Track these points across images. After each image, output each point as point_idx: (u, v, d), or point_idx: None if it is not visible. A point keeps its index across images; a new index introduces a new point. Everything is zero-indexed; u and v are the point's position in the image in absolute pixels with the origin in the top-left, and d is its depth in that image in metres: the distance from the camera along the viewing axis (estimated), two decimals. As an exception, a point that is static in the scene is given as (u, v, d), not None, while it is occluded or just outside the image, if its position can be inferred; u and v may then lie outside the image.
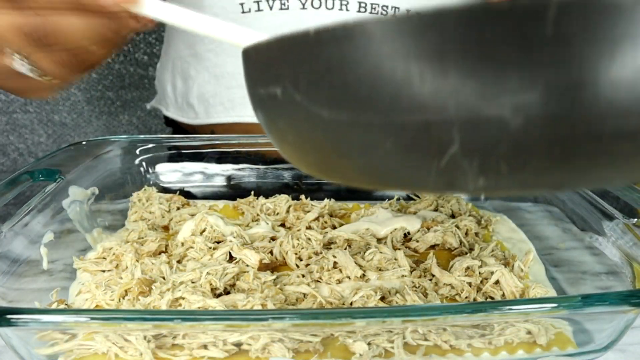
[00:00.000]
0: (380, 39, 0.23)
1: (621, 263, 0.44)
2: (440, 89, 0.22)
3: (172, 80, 0.81)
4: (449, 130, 0.23)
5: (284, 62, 0.27)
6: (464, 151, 0.23)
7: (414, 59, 0.22)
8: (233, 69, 0.74)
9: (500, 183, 0.24)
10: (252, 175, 0.68)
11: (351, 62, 0.24)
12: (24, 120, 1.20)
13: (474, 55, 0.21)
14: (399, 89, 0.23)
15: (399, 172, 0.26)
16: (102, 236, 0.57)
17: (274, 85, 0.27)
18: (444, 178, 0.25)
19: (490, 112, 0.22)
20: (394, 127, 0.24)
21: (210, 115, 0.77)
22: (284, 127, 0.29)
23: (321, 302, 0.45)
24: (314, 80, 0.25)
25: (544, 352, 0.42)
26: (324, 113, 0.26)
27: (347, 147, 0.26)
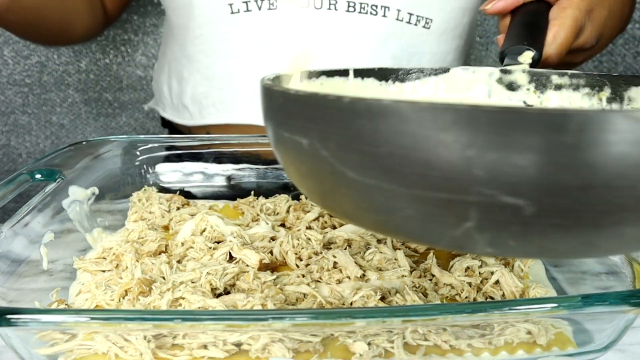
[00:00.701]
0: (415, 122, 0.25)
1: (621, 263, 0.44)
2: (466, 175, 0.24)
3: (168, 82, 0.82)
4: (467, 210, 0.25)
5: (314, 118, 0.28)
6: (478, 227, 0.26)
7: (444, 146, 0.24)
8: (223, 71, 0.75)
9: (506, 252, 0.28)
10: (252, 175, 0.68)
11: (383, 137, 0.25)
12: (22, 121, 1.20)
13: (501, 151, 0.24)
14: (428, 169, 0.25)
15: (414, 232, 0.29)
16: (102, 236, 0.57)
17: (300, 135, 0.29)
18: (455, 243, 0.27)
19: (508, 200, 0.25)
20: (417, 198, 0.26)
21: (203, 117, 0.78)
22: (305, 172, 0.31)
23: (321, 302, 0.45)
24: (343, 144, 0.27)
25: (544, 352, 0.42)
26: (350, 173, 0.27)
27: (368, 204, 0.28)
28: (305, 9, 0.70)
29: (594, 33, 0.61)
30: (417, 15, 0.72)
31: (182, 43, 0.77)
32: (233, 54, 0.74)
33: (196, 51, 0.76)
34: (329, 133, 0.27)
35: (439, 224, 0.27)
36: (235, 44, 0.73)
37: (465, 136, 0.24)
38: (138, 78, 1.19)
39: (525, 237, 0.26)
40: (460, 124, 0.24)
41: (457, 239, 0.27)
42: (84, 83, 1.19)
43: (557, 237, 0.26)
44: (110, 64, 1.18)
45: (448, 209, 0.26)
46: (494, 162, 0.24)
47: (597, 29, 0.61)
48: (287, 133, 0.30)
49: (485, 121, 0.23)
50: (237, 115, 0.75)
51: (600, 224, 0.25)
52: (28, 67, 1.16)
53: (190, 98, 0.78)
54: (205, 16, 0.72)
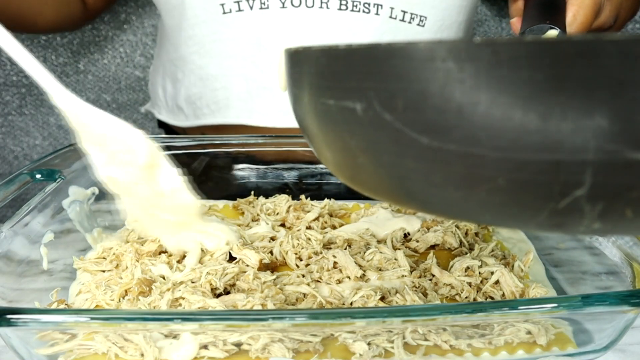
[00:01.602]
0: (514, 64, 0.20)
1: (621, 263, 0.44)
2: (582, 127, 0.20)
3: (163, 84, 0.82)
4: (581, 173, 0.20)
5: (373, 75, 0.23)
6: (591, 195, 0.21)
7: (557, 92, 0.19)
8: (216, 71, 0.75)
9: (616, 228, 0.23)
10: (252, 175, 0.68)
11: (471, 88, 0.20)
12: (20, 122, 1.20)
13: (627, 92, 0.19)
14: (530, 124, 0.20)
15: (502, 209, 0.23)
16: (102, 236, 0.57)
17: (353, 99, 0.24)
18: (555, 220, 0.22)
19: (635, 156, 0.20)
20: (513, 164, 0.21)
21: (198, 117, 0.78)
22: (357, 147, 0.25)
23: (321, 302, 0.45)
24: (414, 102, 0.22)
25: (544, 352, 0.42)
26: (423, 139, 0.22)
27: (445, 177, 0.23)
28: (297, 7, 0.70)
29: (612, 12, 0.61)
30: (411, 13, 0.72)
31: (175, 44, 0.77)
32: (226, 54, 0.74)
33: (189, 52, 0.76)
34: (395, 89, 0.22)
35: (539, 196, 0.21)
36: (228, 44, 0.73)
37: (582, 75, 0.19)
38: (137, 79, 1.19)
39: None
40: (573, 59, 0.19)
41: (559, 214, 0.21)
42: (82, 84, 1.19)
43: None
44: (109, 65, 1.18)
45: (556, 174, 0.20)
46: (617, 106, 0.19)
47: (615, 9, 0.61)
48: (332, 100, 0.25)
49: (608, 53, 0.19)
50: (231, 115, 0.75)
51: None
52: (26, 67, 1.16)
53: (185, 99, 0.78)
54: (197, 17, 0.72)
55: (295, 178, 0.68)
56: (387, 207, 0.61)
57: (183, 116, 0.79)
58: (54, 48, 1.16)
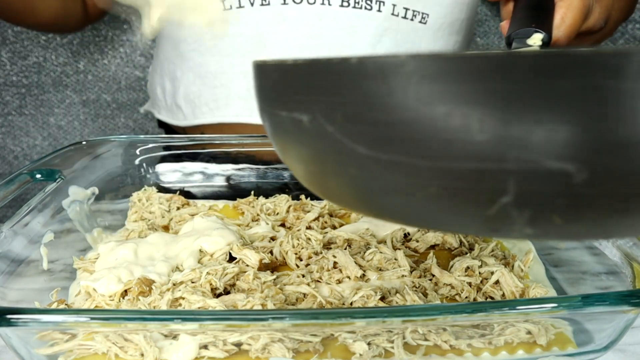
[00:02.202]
0: (438, 78, 0.21)
1: (621, 263, 0.44)
2: (501, 138, 0.21)
3: (161, 83, 0.81)
4: (504, 181, 0.21)
5: (316, 88, 0.24)
6: (516, 202, 0.22)
7: (475, 104, 0.20)
8: (216, 69, 0.74)
9: (548, 233, 0.23)
10: (252, 175, 0.68)
11: (400, 100, 0.21)
12: (19, 122, 1.20)
13: (543, 106, 0.20)
14: (455, 134, 0.21)
15: (438, 215, 0.24)
16: (102, 236, 0.57)
17: (301, 111, 0.25)
18: (488, 225, 0.23)
19: (554, 166, 0.21)
20: (442, 172, 0.22)
21: (197, 117, 0.77)
22: (307, 156, 0.27)
23: (321, 302, 0.45)
24: (352, 114, 0.23)
25: (544, 352, 0.42)
26: (361, 149, 0.23)
27: (383, 185, 0.24)
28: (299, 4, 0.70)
29: (602, 14, 0.60)
30: (413, 10, 0.72)
31: (175, 42, 0.77)
32: (226, 52, 0.73)
33: (189, 49, 0.76)
34: (334, 103, 0.23)
35: (469, 202, 0.23)
36: (228, 41, 0.73)
37: (499, 89, 0.20)
38: (136, 79, 1.19)
39: (575, 213, 0.22)
40: (493, 74, 0.20)
41: (492, 220, 0.23)
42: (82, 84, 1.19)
43: (613, 210, 0.22)
44: (109, 65, 1.18)
45: (481, 182, 0.22)
46: (534, 118, 0.20)
47: (605, 10, 0.61)
48: (284, 112, 0.26)
49: (523, 67, 0.20)
50: (231, 114, 0.75)
51: None
52: (25, 67, 1.16)
53: (184, 98, 0.78)
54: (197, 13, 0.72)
55: (295, 178, 0.68)
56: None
57: (182, 115, 0.79)
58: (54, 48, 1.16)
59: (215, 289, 0.46)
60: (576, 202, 0.21)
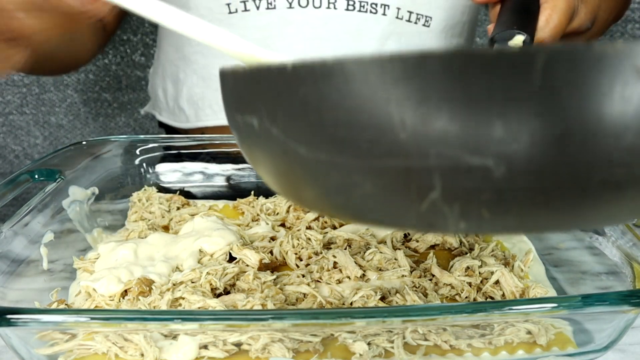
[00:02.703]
0: (359, 80, 0.22)
1: (621, 263, 0.44)
2: (421, 135, 0.22)
3: (163, 84, 0.81)
4: (429, 177, 0.22)
5: (261, 93, 0.26)
6: (444, 197, 0.23)
7: (395, 104, 0.22)
8: None
9: (482, 227, 0.24)
10: (252, 175, 0.68)
11: (329, 102, 0.23)
12: (20, 122, 1.20)
13: (459, 103, 0.21)
14: (379, 133, 0.22)
15: (378, 212, 0.26)
16: (102, 236, 0.57)
17: (251, 115, 0.26)
18: (424, 220, 0.24)
19: (473, 161, 0.21)
20: (372, 170, 0.23)
21: (199, 119, 0.77)
22: (260, 156, 0.28)
23: (321, 302, 0.45)
24: (290, 116, 0.25)
25: (544, 352, 0.42)
26: (301, 150, 0.25)
27: (325, 184, 0.26)
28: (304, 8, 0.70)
29: (588, 15, 0.60)
30: (416, 13, 0.72)
31: (178, 44, 0.77)
32: None
33: (193, 52, 0.76)
34: (276, 106, 0.25)
35: (401, 199, 0.24)
36: None
37: (413, 88, 0.21)
38: (137, 78, 1.19)
39: (500, 207, 0.23)
40: (407, 74, 0.21)
41: (425, 215, 0.24)
42: (83, 83, 1.19)
43: (535, 204, 0.23)
44: (110, 64, 1.18)
45: (408, 179, 0.23)
46: (451, 114, 0.21)
47: (591, 11, 0.60)
48: (239, 116, 0.28)
49: (435, 68, 0.21)
50: None
51: (586, 186, 0.22)
52: (27, 67, 1.16)
53: (187, 100, 0.78)
54: (202, 16, 0.72)
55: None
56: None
57: (184, 117, 0.79)
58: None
59: (215, 289, 0.46)
60: (500, 197, 0.22)
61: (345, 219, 0.29)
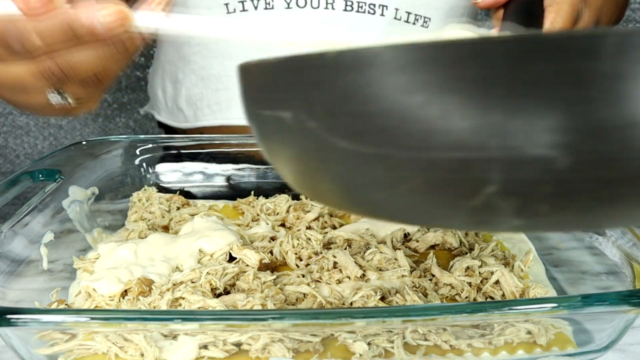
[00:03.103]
0: (414, 67, 0.20)
1: (621, 263, 0.44)
2: (482, 126, 0.20)
3: (162, 85, 0.82)
4: (487, 170, 0.21)
5: (295, 84, 0.24)
6: (502, 191, 0.21)
7: (454, 92, 0.20)
8: (219, 71, 0.75)
9: (537, 223, 0.23)
10: (252, 175, 0.68)
11: (378, 91, 0.21)
12: (20, 122, 1.20)
13: (523, 91, 0.20)
14: (435, 123, 0.21)
15: (423, 209, 0.24)
16: (102, 236, 0.57)
17: (282, 108, 0.25)
18: (475, 217, 0.23)
19: (537, 152, 0.20)
20: (424, 163, 0.22)
21: (198, 119, 0.77)
22: (290, 153, 0.27)
23: (321, 302, 0.45)
24: (331, 108, 0.23)
25: (544, 352, 0.42)
26: (342, 144, 0.23)
27: (366, 180, 0.24)
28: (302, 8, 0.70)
29: (591, 19, 0.60)
30: (415, 14, 0.72)
31: (176, 44, 0.77)
32: (229, 55, 0.74)
33: (191, 52, 0.76)
34: (314, 98, 0.23)
35: (454, 194, 0.22)
36: (232, 45, 0.73)
37: (475, 75, 0.20)
38: (137, 79, 1.19)
39: (561, 200, 0.21)
40: (467, 60, 0.20)
41: (478, 212, 0.22)
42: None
43: (599, 197, 0.21)
44: (110, 65, 1.18)
45: (463, 172, 0.21)
46: (515, 102, 0.20)
47: (594, 15, 0.61)
48: (267, 111, 0.26)
49: (498, 53, 0.19)
50: (233, 116, 0.75)
51: None
52: (27, 67, 1.16)
53: (185, 100, 0.78)
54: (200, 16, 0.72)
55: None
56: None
57: (183, 117, 0.79)
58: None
59: (215, 289, 0.46)
60: (561, 190, 0.21)
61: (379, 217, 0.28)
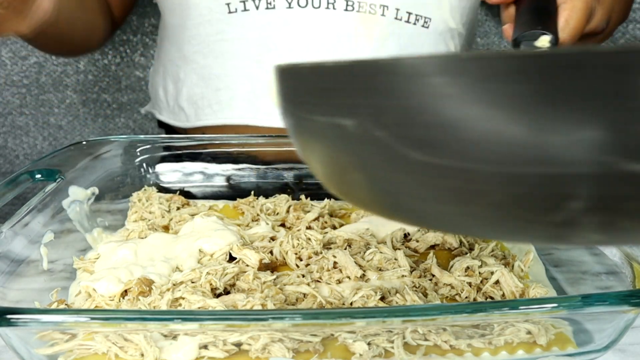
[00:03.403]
0: (502, 77, 0.19)
1: (621, 263, 0.44)
2: (575, 140, 0.19)
3: (164, 84, 0.82)
4: (576, 186, 0.20)
5: (363, 91, 0.23)
6: (587, 207, 0.20)
7: (545, 105, 0.19)
8: (220, 71, 0.75)
9: (618, 237, 0.22)
10: (252, 175, 0.68)
11: (463, 102, 0.20)
12: (20, 122, 1.20)
13: (618, 103, 0.19)
14: (522, 138, 0.20)
15: (498, 224, 0.23)
16: (102, 236, 0.57)
17: (344, 116, 0.23)
18: (553, 232, 0.22)
19: (631, 168, 0.19)
20: (507, 178, 0.21)
21: (199, 118, 0.77)
22: (348, 163, 0.25)
23: (321, 302, 0.45)
24: (404, 118, 0.22)
25: (544, 352, 0.42)
26: (416, 155, 0.22)
27: (439, 193, 0.23)
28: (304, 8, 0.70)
29: (604, 16, 0.61)
30: (415, 14, 0.72)
31: (178, 44, 0.77)
32: (230, 54, 0.74)
33: (192, 51, 0.76)
34: (384, 106, 0.22)
35: (535, 209, 0.21)
36: (233, 44, 0.73)
37: (573, 85, 0.19)
38: (137, 79, 1.19)
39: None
40: (561, 71, 0.19)
41: (557, 227, 0.21)
42: (83, 84, 1.19)
43: None
44: (109, 65, 1.18)
45: (549, 187, 0.20)
46: (610, 117, 0.19)
47: (606, 12, 0.61)
48: (322, 117, 0.24)
49: (599, 64, 0.18)
50: (234, 116, 0.75)
51: None
52: (26, 67, 1.16)
53: (187, 99, 0.78)
54: (202, 16, 0.72)
55: (295, 178, 0.68)
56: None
57: (184, 116, 0.79)
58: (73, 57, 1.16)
59: (215, 289, 0.46)
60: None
61: (444, 230, 0.27)
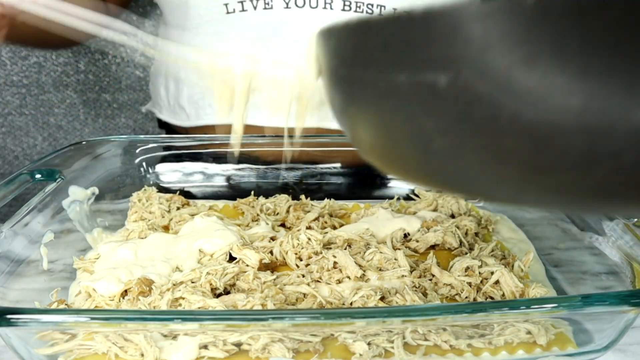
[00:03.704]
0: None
1: (621, 263, 0.44)
2: None
3: (165, 83, 0.82)
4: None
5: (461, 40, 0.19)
6: None
7: None
8: None
9: None
10: (252, 175, 0.68)
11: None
12: (20, 122, 1.20)
13: None
14: None
15: (616, 194, 0.20)
16: (102, 236, 0.57)
17: (434, 71, 0.20)
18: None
19: None
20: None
21: (200, 117, 0.78)
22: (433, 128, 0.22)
23: (321, 302, 0.45)
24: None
25: (544, 352, 0.42)
26: (530, 114, 0.18)
27: (556, 158, 0.19)
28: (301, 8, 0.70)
29: None
30: None
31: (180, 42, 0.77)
32: None
33: None
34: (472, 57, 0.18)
35: None
36: (231, 44, 0.73)
37: None
38: (137, 79, 1.19)
39: None
40: None
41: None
42: (83, 84, 1.19)
43: None
44: (109, 65, 1.18)
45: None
46: None
47: None
48: (403, 75, 0.21)
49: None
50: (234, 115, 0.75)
51: None
52: (26, 67, 1.16)
53: (187, 99, 0.78)
54: (200, 17, 0.72)
55: (295, 178, 0.68)
56: (387, 208, 0.61)
57: (185, 116, 0.80)
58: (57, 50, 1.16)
59: (215, 289, 0.46)
60: None
61: (539, 206, 0.23)
